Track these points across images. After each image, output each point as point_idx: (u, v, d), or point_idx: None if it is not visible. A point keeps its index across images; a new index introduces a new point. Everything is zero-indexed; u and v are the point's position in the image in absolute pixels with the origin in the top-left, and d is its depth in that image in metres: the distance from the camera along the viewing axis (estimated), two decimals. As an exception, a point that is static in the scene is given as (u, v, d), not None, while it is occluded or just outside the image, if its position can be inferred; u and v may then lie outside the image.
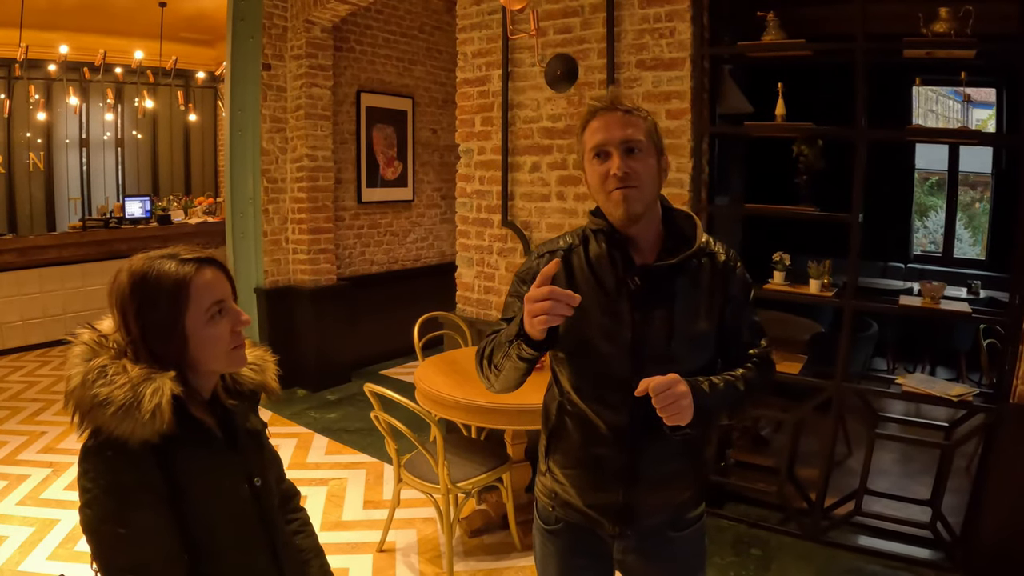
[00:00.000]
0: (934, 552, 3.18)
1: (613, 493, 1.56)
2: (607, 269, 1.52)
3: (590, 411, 1.54)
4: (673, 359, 1.48)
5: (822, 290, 3.33)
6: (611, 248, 1.52)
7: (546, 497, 1.69)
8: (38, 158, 8.77)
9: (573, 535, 1.66)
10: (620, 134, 1.45)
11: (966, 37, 2.95)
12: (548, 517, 1.69)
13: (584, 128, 1.51)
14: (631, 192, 1.44)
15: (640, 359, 1.48)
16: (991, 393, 3.17)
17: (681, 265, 1.50)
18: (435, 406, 3.06)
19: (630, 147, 1.45)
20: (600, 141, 1.47)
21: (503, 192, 4.01)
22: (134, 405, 1.14)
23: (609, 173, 1.45)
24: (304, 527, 1.60)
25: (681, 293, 1.51)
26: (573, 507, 1.62)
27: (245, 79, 5.35)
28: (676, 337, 1.49)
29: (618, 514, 1.57)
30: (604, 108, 1.48)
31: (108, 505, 1.15)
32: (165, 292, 1.22)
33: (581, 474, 1.59)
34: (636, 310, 1.49)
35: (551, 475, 1.65)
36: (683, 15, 3.31)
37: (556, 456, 1.63)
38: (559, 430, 1.62)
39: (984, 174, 6.89)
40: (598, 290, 1.52)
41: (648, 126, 1.49)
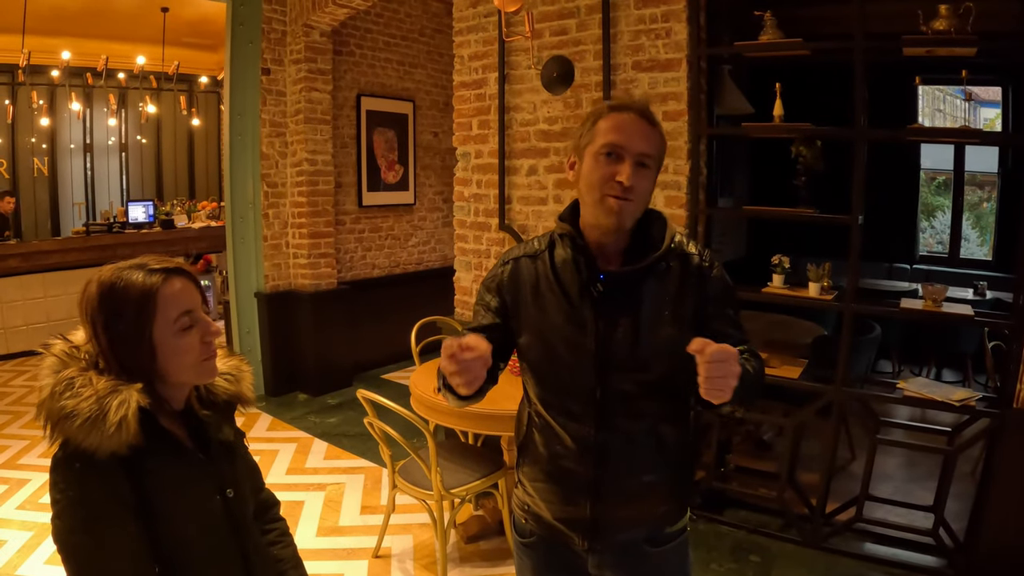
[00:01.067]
0: (936, 559, 3.13)
1: (580, 507, 1.51)
2: (571, 276, 1.46)
3: (555, 423, 1.50)
4: (639, 367, 1.43)
5: (822, 293, 3.29)
6: (576, 254, 1.46)
7: (520, 509, 1.65)
8: (42, 163, 8.81)
9: (547, 549, 1.61)
10: (641, 145, 1.39)
11: (967, 35, 2.91)
12: (523, 530, 1.65)
13: (597, 120, 1.43)
14: (627, 205, 1.39)
15: (605, 368, 1.43)
16: (995, 397, 3.12)
17: (648, 269, 1.44)
18: (430, 412, 3.04)
19: (642, 162, 1.40)
20: (618, 142, 1.39)
21: (500, 196, 3.99)
22: (100, 417, 1.14)
23: (615, 178, 1.38)
24: (282, 537, 1.59)
25: (647, 298, 1.44)
26: (544, 521, 1.58)
27: (244, 84, 5.36)
28: (642, 344, 1.43)
29: (586, 529, 1.51)
30: (631, 109, 1.42)
31: (77, 517, 1.15)
32: (132, 303, 1.22)
33: (549, 487, 1.55)
34: (600, 318, 1.43)
35: (522, 487, 1.62)
36: (679, 15, 3.27)
37: (525, 468, 1.61)
38: (528, 442, 1.59)
39: (991, 173, 6.82)
40: (562, 298, 1.47)
41: (662, 146, 1.45)
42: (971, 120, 6.53)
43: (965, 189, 6.85)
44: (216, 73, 9.88)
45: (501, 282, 1.55)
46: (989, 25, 2.95)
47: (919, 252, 7.01)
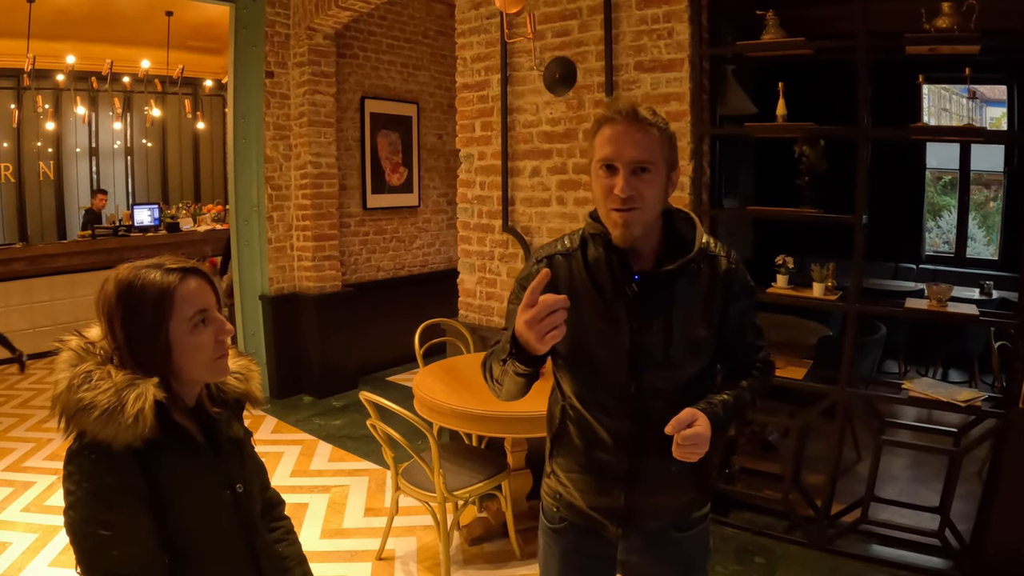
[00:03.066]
0: (943, 560, 3.11)
1: (615, 496, 1.56)
2: (605, 275, 1.50)
3: (591, 417, 1.55)
4: (672, 365, 1.49)
5: (826, 293, 3.28)
6: (609, 253, 1.49)
7: (551, 498, 1.70)
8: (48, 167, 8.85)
9: (576, 535, 1.66)
10: (630, 154, 1.38)
11: (970, 32, 2.89)
12: (552, 517, 1.70)
13: (595, 132, 1.45)
14: (631, 216, 1.40)
15: (638, 365, 1.48)
16: (1001, 398, 3.10)
17: (680, 270, 1.47)
18: (433, 414, 3.04)
19: (639, 168, 1.39)
20: (608, 155, 1.40)
21: (503, 197, 3.99)
22: (117, 409, 1.17)
23: (612, 191, 1.40)
24: (287, 535, 1.62)
25: (680, 298, 1.49)
26: (577, 509, 1.63)
27: (248, 87, 5.37)
28: (675, 343, 1.48)
29: (620, 516, 1.58)
30: (620, 118, 1.40)
31: (91, 507, 1.17)
32: (149, 301, 1.25)
33: (584, 478, 1.60)
34: (634, 316, 1.47)
35: (555, 477, 1.67)
36: (681, 15, 3.27)
37: (559, 459, 1.65)
38: (561, 435, 1.63)
39: (997, 172, 6.79)
40: (596, 296, 1.50)
41: (664, 141, 1.42)
42: (977, 119, 6.50)
43: (971, 188, 6.82)
44: (221, 76, 9.91)
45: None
46: (993, 23, 2.93)
47: (925, 252, 6.99)
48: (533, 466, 3.37)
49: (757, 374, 1.61)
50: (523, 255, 3.94)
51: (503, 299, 4.06)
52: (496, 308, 4.13)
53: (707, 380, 1.58)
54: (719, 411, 1.47)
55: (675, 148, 1.47)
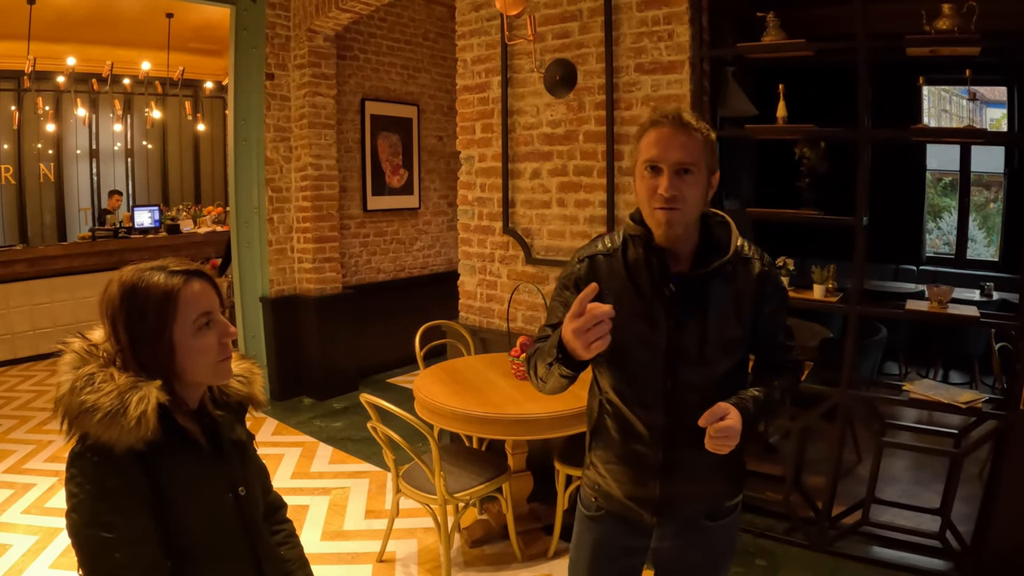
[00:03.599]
0: (944, 562, 3.10)
1: (651, 487, 1.63)
2: (644, 275, 1.57)
3: (628, 411, 1.63)
4: (706, 363, 1.56)
5: (826, 295, 3.28)
6: (648, 255, 1.57)
7: (590, 488, 1.77)
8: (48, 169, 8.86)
9: (613, 523, 1.73)
10: (675, 155, 1.47)
11: (970, 34, 2.89)
12: (590, 505, 1.77)
13: (642, 136, 1.53)
14: (674, 215, 1.48)
15: (675, 363, 1.56)
16: (1002, 399, 3.10)
17: (715, 272, 1.55)
18: (434, 416, 3.03)
19: (683, 169, 1.48)
20: (654, 156, 1.49)
21: (504, 199, 3.99)
22: (120, 412, 1.17)
23: (656, 191, 1.48)
24: (290, 538, 1.62)
25: (715, 299, 1.56)
26: (614, 498, 1.70)
27: (248, 89, 5.37)
28: (710, 342, 1.55)
29: (655, 506, 1.65)
30: (666, 122, 1.49)
31: (93, 509, 1.17)
32: (153, 303, 1.25)
33: (621, 469, 1.67)
34: (671, 316, 1.55)
35: (594, 468, 1.74)
36: (681, 17, 3.27)
37: (598, 452, 1.73)
38: (600, 428, 1.71)
39: (997, 174, 6.79)
40: (635, 295, 1.57)
41: (706, 145, 1.50)
42: (977, 120, 6.50)
43: (971, 190, 6.82)
44: (221, 78, 9.91)
45: (579, 278, 1.64)
46: (993, 24, 2.94)
47: (925, 253, 6.98)
48: (534, 468, 3.37)
49: (787, 373, 1.68)
50: (523, 257, 3.94)
51: (503, 301, 4.06)
52: (496, 310, 4.13)
53: (739, 377, 1.66)
54: (750, 406, 1.53)
55: (715, 153, 1.55)
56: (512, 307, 4.01)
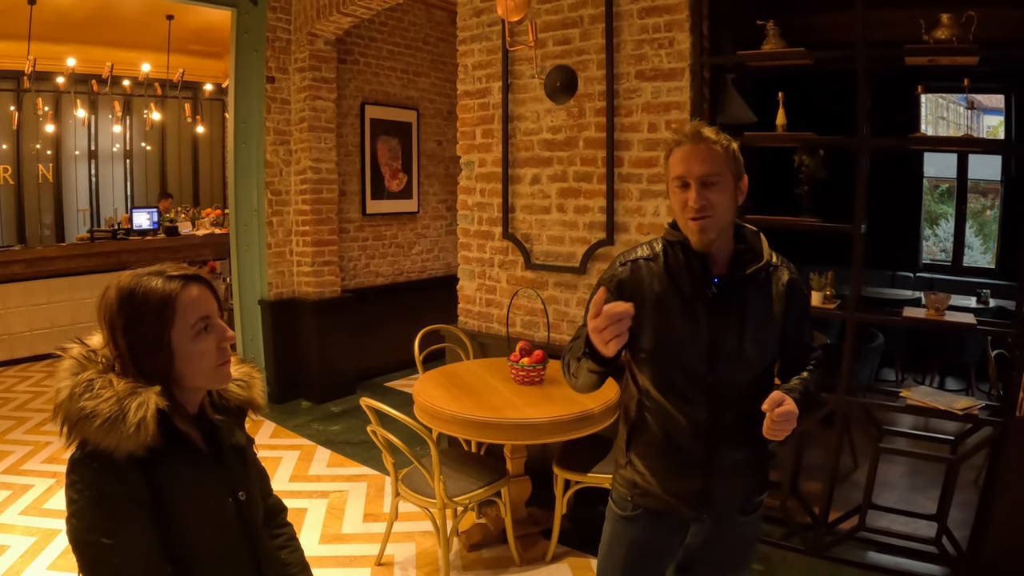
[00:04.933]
0: (940, 568, 3.12)
1: (693, 480, 1.71)
2: (685, 278, 1.69)
3: (671, 406, 1.70)
4: (744, 360, 1.67)
5: (825, 302, 3.29)
6: (689, 259, 1.69)
7: (625, 488, 1.82)
8: (47, 170, 8.85)
9: (650, 521, 1.79)
10: (699, 169, 1.60)
11: (968, 43, 2.92)
12: (625, 505, 1.83)
13: (669, 156, 1.67)
14: (706, 222, 1.61)
15: (715, 358, 1.66)
16: (998, 406, 3.11)
17: (751, 276, 1.68)
18: (433, 420, 3.04)
19: (708, 180, 1.60)
20: (680, 173, 1.63)
21: (504, 204, 4.00)
22: (119, 418, 1.17)
23: (687, 204, 1.61)
24: (290, 542, 1.62)
25: (752, 302, 1.68)
26: (654, 495, 1.76)
27: (249, 92, 5.38)
28: (747, 341, 1.66)
29: (696, 499, 1.72)
30: (687, 140, 1.63)
31: (94, 516, 1.17)
32: (151, 308, 1.25)
33: (663, 464, 1.74)
34: (712, 315, 1.66)
35: (631, 467, 1.80)
36: (682, 25, 3.29)
37: (638, 449, 1.78)
38: (640, 425, 1.77)
39: (994, 181, 6.82)
40: (677, 296, 1.68)
41: (728, 156, 1.63)
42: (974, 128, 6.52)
43: (968, 197, 6.85)
44: (221, 81, 9.91)
45: (622, 281, 1.74)
46: (991, 33, 2.96)
47: (922, 260, 7.01)
48: (532, 473, 3.38)
49: (813, 368, 1.79)
50: (523, 262, 3.96)
51: (503, 306, 4.07)
52: (495, 315, 4.14)
53: (771, 377, 1.77)
54: (797, 396, 1.64)
55: (739, 160, 1.67)
56: (511, 312, 4.02)
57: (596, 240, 3.67)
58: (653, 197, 3.46)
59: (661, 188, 3.40)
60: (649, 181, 3.45)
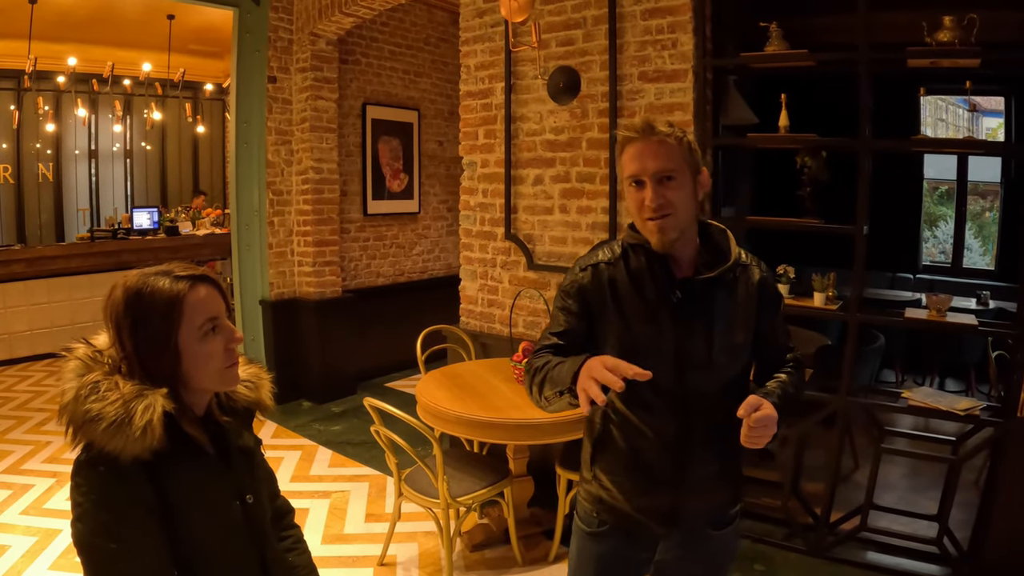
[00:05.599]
0: (941, 568, 3.13)
1: (662, 496, 1.62)
2: (648, 282, 1.58)
3: (636, 419, 1.61)
4: (714, 367, 1.57)
5: (827, 303, 3.30)
6: (651, 262, 1.59)
7: (590, 503, 1.73)
8: (47, 169, 8.85)
9: (617, 539, 1.70)
10: (653, 165, 1.49)
11: (971, 46, 2.92)
12: (591, 521, 1.73)
13: (621, 154, 1.56)
14: (665, 222, 1.50)
15: (682, 367, 1.56)
16: (999, 407, 3.12)
17: (718, 278, 1.57)
18: (436, 420, 3.05)
19: (664, 176, 1.50)
20: (634, 171, 1.52)
21: (506, 205, 4.01)
22: (125, 421, 1.15)
23: (644, 203, 1.51)
24: (297, 544, 1.61)
25: (719, 305, 1.58)
26: (620, 512, 1.67)
27: (251, 91, 5.39)
28: (716, 347, 1.57)
29: (666, 516, 1.64)
30: (638, 136, 1.51)
31: (99, 519, 1.15)
32: (158, 309, 1.22)
33: (629, 480, 1.65)
34: (678, 321, 1.56)
35: (597, 482, 1.70)
36: (685, 26, 3.30)
37: (602, 463, 1.69)
38: (604, 439, 1.68)
39: (994, 183, 6.84)
40: (640, 302, 1.58)
41: (683, 149, 1.52)
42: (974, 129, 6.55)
43: (968, 199, 6.87)
44: (221, 81, 9.92)
45: (583, 286, 1.63)
46: (992, 35, 2.96)
47: (922, 262, 7.03)
48: (534, 473, 3.38)
49: (791, 370, 1.70)
50: (525, 263, 3.96)
51: (505, 306, 4.07)
52: (498, 315, 4.14)
53: (745, 382, 1.68)
54: (775, 400, 1.53)
55: (695, 152, 1.55)
56: (514, 312, 4.02)
57: (599, 241, 3.66)
58: (656, 198, 3.46)
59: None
60: (652, 182, 3.46)
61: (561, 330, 1.64)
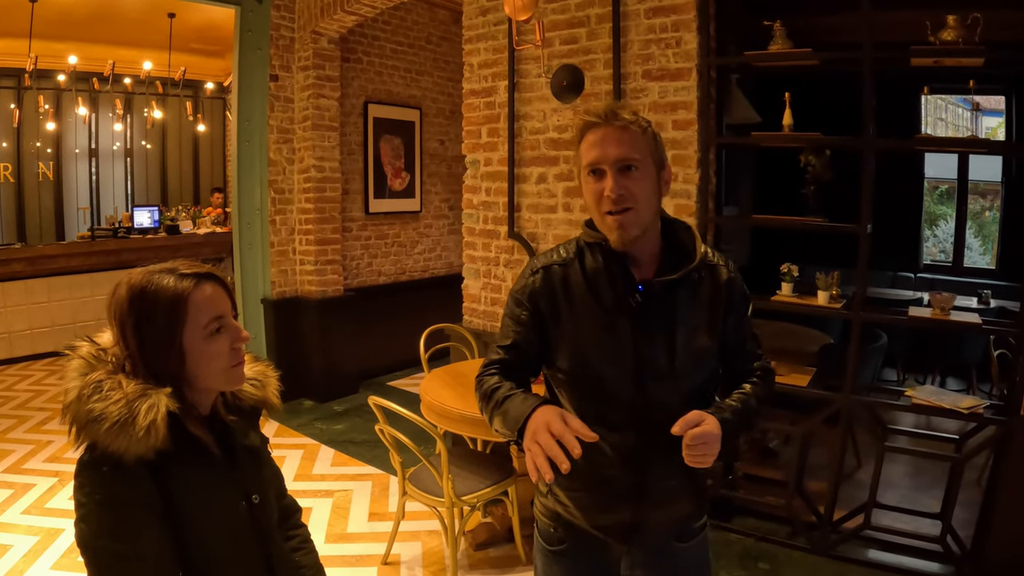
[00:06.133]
0: (944, 566, 3.13)
1: (620, 513, 1.52)
2: (605, 285, 1.46)
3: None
4: (677, 376, 1.46)
5: (830, 302, 3.30)
6: (608, 263, 1.46)
7: (548, 518, 1.63)
8: (47, 168, 8.83)
9: (578, 556, 1.60)
10: (615, 152, 1.38)
11: (974, 45, 2.93)
12: (551, 538, 1.63)
13: (580, 141, 1.44)
14: (626, 217, 1.39)
15: (643, 377, 1.44)
16: (1002, 405, 3.13)
17: (681, 280, 1.45)
18: (440, 419, 3.05)
19: (626, 165, 1.39)
20: (594, 159, 1.40)
21: (509, 203, 4.00)
22: (129, 421, 1.13)
23: (603, 194, 1.39)
24: (304, 544, 1.60)
25: (683, 309, 1.46)
26: (578, 529, 1.57)
27: (252, 90, 5.38)
28: (679, 354, 1.45)
29: (625, 533, 1.54)
30: (600, 121, 1.40)
31: (103, 520, 1.14)
32: (163, 307, 1.21)
33: (587, 496, 1.53)
34: (637, 328, 1.44)
35: (553, 497, 1.60)
36: (689, 25, 3.30)
37: (559, 478, 1.56)
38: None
39: (994, 182, 6.84)
40: (596, 307, 1.46)
41: (647, 139, 1.42)
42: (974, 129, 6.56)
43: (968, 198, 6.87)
44: (222, 79, 9.91)
45: (534, 291, 1.52)
46: (995, 35, 2.97)
47: (923, 261, 7.03)
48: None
49: (758, 380, 1.58)
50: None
51: (508, 304, 4.06)
52: (500, 314, 4.13)
53: (711, 391, 1.58)
54: (728, 415, 1.44)
55: (660, 145, 1.46)
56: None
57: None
58: (659, 197, 3.46)
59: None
60: (655, 181, 3.46)
61: (509, 343, 1.53)
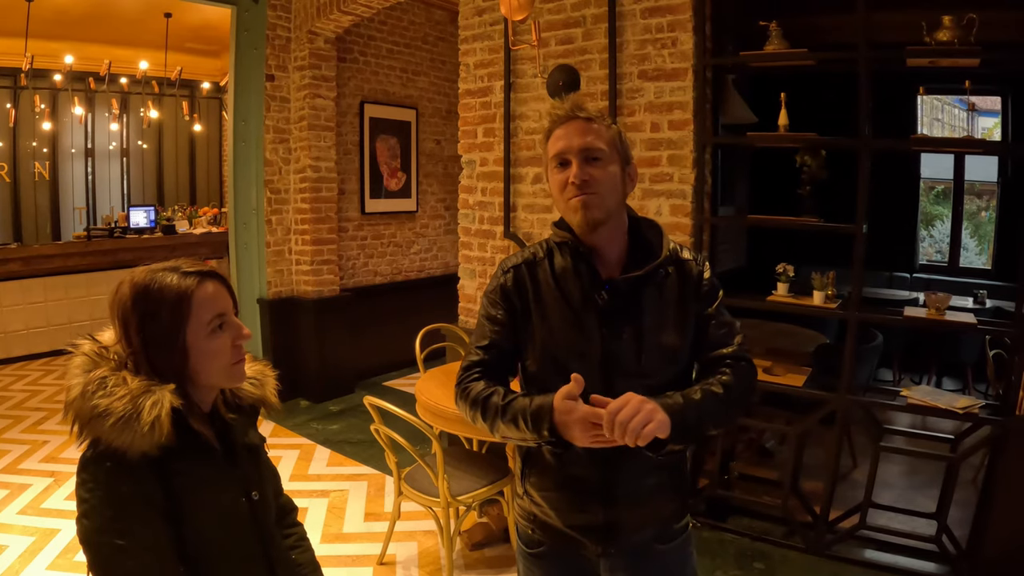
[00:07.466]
0: (940, 566, 3.14)
1: (593, 513, 1.52)
2: (573, 283, 1.49)
3: None
4: (644, 373, 1.46)
5: (826, 302, 3.30)
6: (576, 261, 1.50)
7: (525, 520, 1.64)
8: (43, 167, 8.82)
9: (557, 557, 1.61)
10: (579, 142, 1.44)
11: (970, 45, 2.93)
12: (529, 540, 1.65)
13: (547, 138, 1.51)
14: (590, 198, 1.43)
15: (611, 375, 1.45)
16: (997, 405, 3.13)
17: (648, 276, 1.48)
18: (436, 419, 3.05)
19: (590, 155, 1.44)
20: (560, 149, 1.46)
21: (505, 203, 4.00)
22: (133, 417, 1.14)
23: (568, 181, 1.44)
24: (301, 542, 1.62)
25: (650, 305, 1.48)
26: (553, 529, 1.58)
27: (249, 90, 5.38)
28: (646, 351, 1.46)
29: (600, 534, 1.53)
30: (565, 117, 1.48)
31: (105, 516, 1.15)
32: (166, 305, 1.22)
33: (559, 496, 1.55)
34: (604, 325, 1.46)
35: (529, 498, 1.61)
36: (685, 25, 3.30)
37: (532, 479, 1.59)
38: (533, 452, 1.57)
39: (990, 183, 6.86)
40: (564, 305, 1.49)
41: (611, 135, 1.48)
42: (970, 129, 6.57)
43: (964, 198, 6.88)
44: (218, 79, 9.89)
45: (506, 289, 1.56)
46: (990, 35, 2.97)
47: (919, 261, 7.04)
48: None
49: (728, 371, 1.49)
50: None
51: (504, 304, 4.06)
52: (497, 313, 4.13)
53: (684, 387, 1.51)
54: (676, 400, 1.38)
55: (625, 143, 1.52)
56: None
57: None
58: (655, 196, 3.46)
59: (664, 187, 3.41)
60: (651, 180, 3.46)
61: (487, 343, 1.55)
